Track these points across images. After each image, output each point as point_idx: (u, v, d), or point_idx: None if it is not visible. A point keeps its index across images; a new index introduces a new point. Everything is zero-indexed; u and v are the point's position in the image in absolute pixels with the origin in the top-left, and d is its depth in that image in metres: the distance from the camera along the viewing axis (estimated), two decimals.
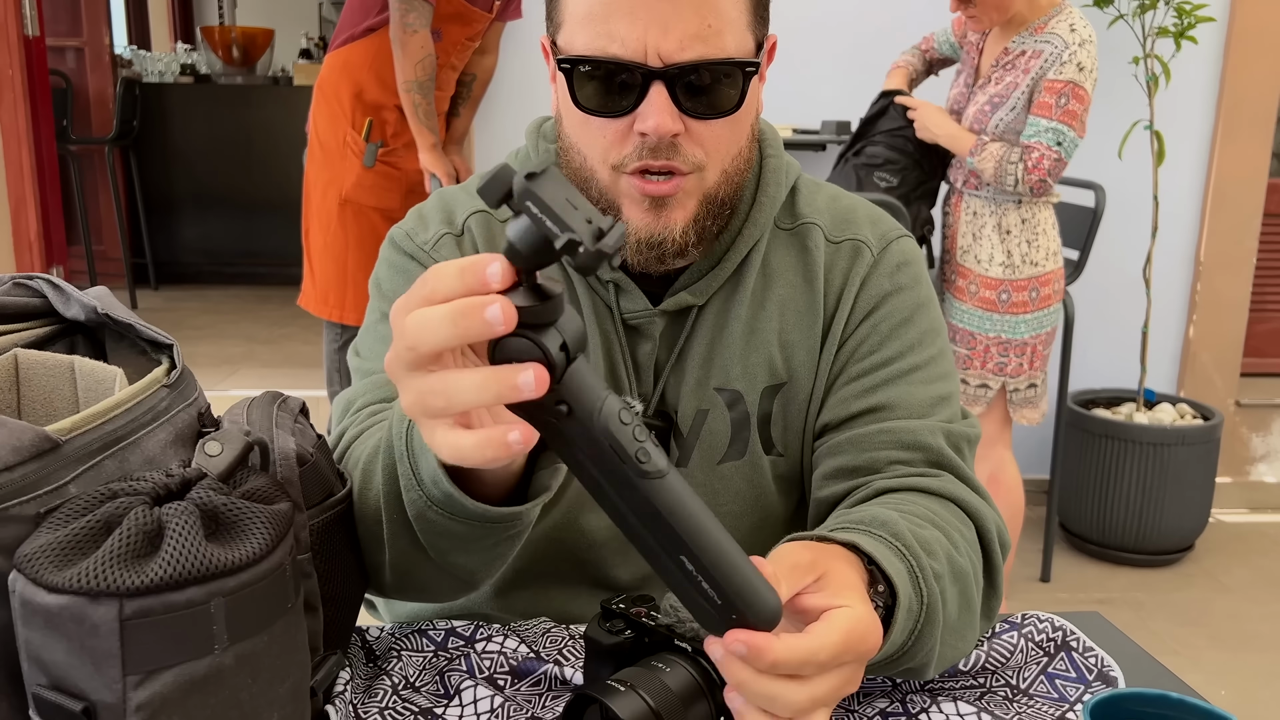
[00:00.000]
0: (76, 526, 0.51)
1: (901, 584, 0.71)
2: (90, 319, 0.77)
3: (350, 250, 2.76)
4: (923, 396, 0.92)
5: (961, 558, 0.80)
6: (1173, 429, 2.82)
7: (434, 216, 0.96)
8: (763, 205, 0.94)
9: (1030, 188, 2.21)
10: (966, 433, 0.92)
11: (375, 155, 2.71)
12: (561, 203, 0.49)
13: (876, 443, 0.89)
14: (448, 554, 0.75)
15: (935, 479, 0.87)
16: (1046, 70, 2.18)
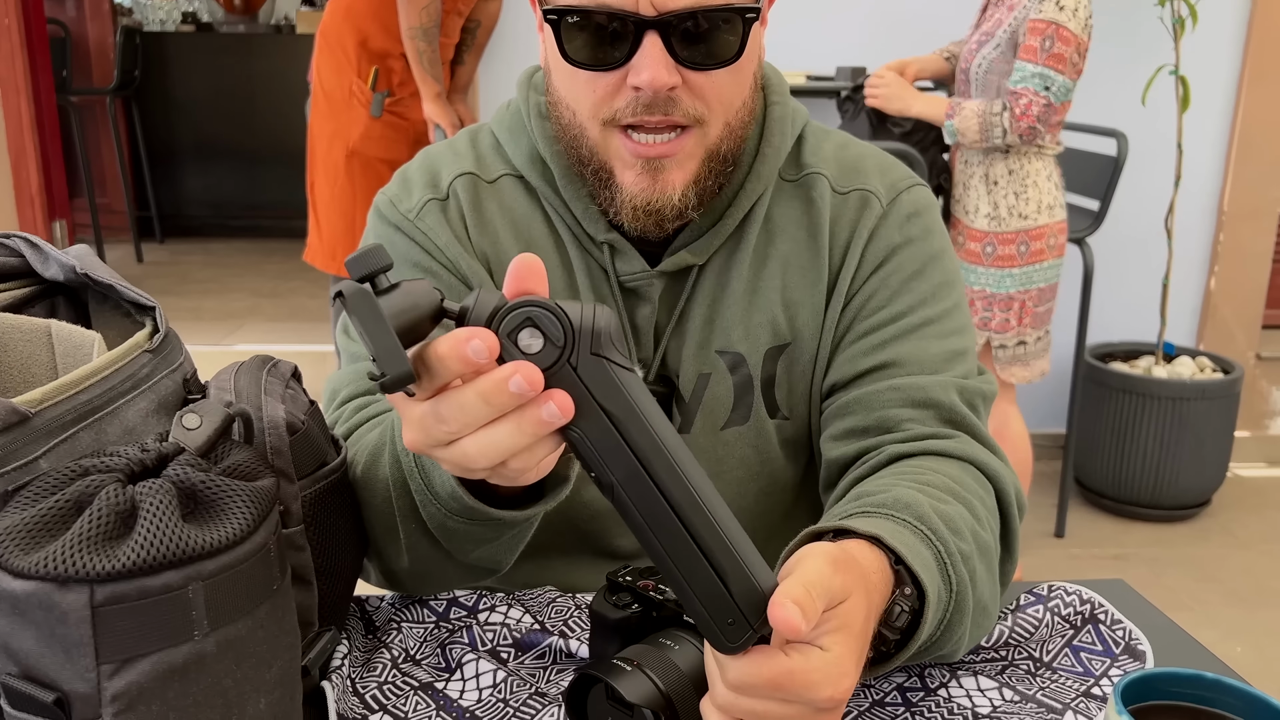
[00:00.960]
0: (44, 506, 0.48)
1: (930, 579, 0.67)
2: (70, 279, 0.73)
3: (358, 203, 2.72)
4: (935, 351, 0.87)
5: (985, 531, 0.77)
6: (1192, 383, 2.77)
7: (418, 179, 0.92)
8: (766, 157, 0.89)
9: (1020, 136, 2.12)
10: (981, 389, 0.88)
11: (382, 105, 2.65)
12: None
13: (886, 401, 0.85)
14: (471, 552, 0.74)
15: (951, 440, 0.83)
16: (1028, 8, 2.11)
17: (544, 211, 0.91)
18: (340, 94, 2.66)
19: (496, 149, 0.93)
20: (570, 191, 0.88)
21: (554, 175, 0.89)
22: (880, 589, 0.64)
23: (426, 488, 0.69)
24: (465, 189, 0.91)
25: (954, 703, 0.73)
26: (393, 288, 0.50)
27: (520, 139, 0.91)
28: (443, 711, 0.71)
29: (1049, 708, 0.72)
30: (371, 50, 2.63)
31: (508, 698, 0.72)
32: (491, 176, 0.92)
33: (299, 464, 0.67)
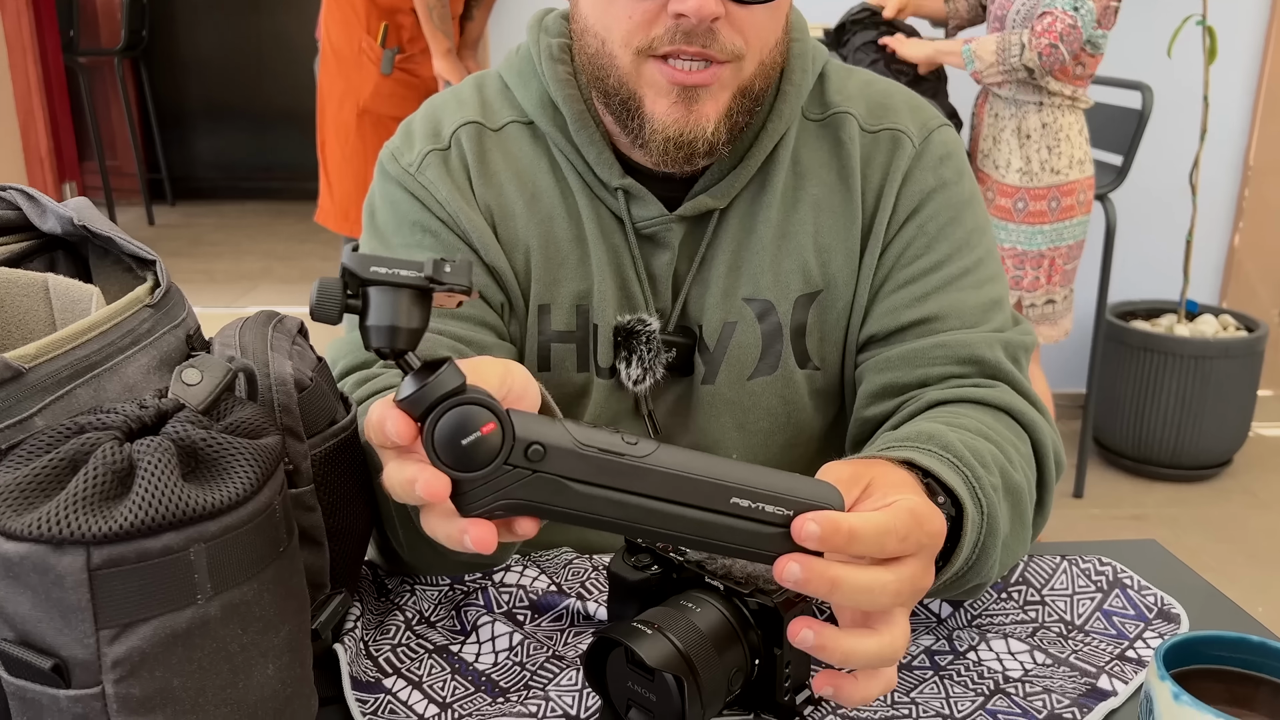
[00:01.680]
0: (38, 465, 0.46)
1: (965, 499, 0.66)
2: (68, 232, 0.71)
3: (370, 163, 2.68)
4: (974, 302, 0.85)
5: (1017, 473, 0.74)
6: (1214, 341, 2.72)
7: (420, 130, 0.89)
8: (788, 95, 0.85)
9: (1039, 53, 2.03)
10: (1023, 340, 0.86)
11: (393, 62, 2.61)
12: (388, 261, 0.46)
13: (930, 358, 0.83)
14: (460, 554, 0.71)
15: (990, 389, 0.81)
16: None
17: (551, 160, 0.87)
18: (350, 51, 2.61)
19: (504, 94, 0.90)
20: (583, 137, 0.85)
21: (565, 120, 0.85)
22: (910, 480, 0.64)
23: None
24: (469, 138, 0.88)
25: (984, 666, 0.71)
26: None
27: (531, 83, 0.88)
28: (458, 675, 0.69)
29: (1082, 671, 0.70)
30: (380, 6, 2.58)
31: (524, 661, 0.71)
32: (497, 124, 0.89)
33: (308, 422, 0.64)
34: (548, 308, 0.87)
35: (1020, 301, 2.27)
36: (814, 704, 0.66)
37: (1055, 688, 0.68)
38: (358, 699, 0.65)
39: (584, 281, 0.87)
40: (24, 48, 3.34)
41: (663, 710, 0.59)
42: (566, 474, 0.47)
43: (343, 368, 0.85)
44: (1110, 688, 0.68)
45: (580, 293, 0.87)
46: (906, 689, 0.68)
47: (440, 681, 0.68)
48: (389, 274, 0.45)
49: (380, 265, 0.45)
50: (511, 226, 0.87)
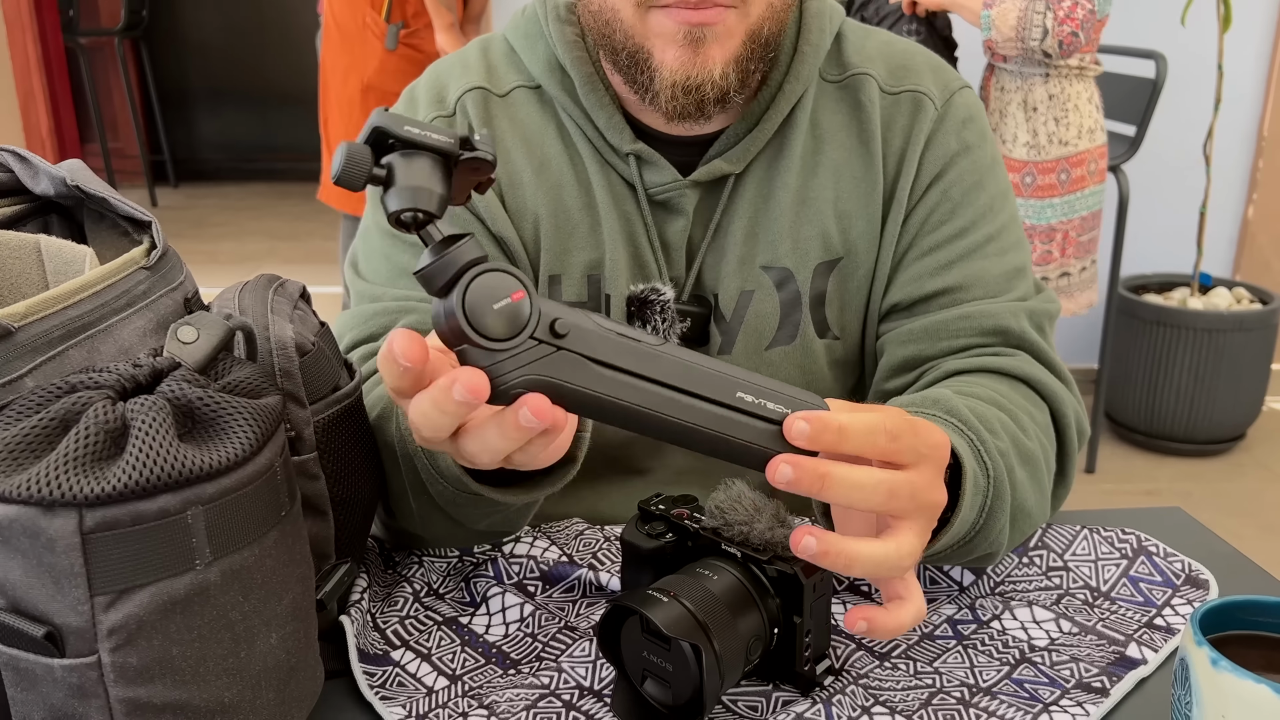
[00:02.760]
0: (27, 425, 0.44)
1: (965, 457, 0.64)
2: (61, 194, 0.68)
3: None
4: (998, 271, 0.83)
5: (1030, 441, 0.73)
6: (1228, 314, 2.69)
7: (424, 96, 0.87)
8: (805, 55, 0.83)
9: (1060, 41, 2.00)
10: (1047, 309, 0.84)
11: (397, 37, 2.58)
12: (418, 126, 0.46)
13: (954, 330, 0.81)
14: (481, 522, 0.71)
15: (1010, 358, 0.79)
16: None
17: (559, 125, 0.85)
18: (353, 26, 2.58)
19: (510, 57, 0.87)
20: (592, 100, 0.82)
21: (574, 84, 0.83)
22: None
23: (432, 467, 0.66)
24: (475, 104, 0.85)
25: (1008, 635, 0.69)
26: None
27: (537, 45, 0.85)
28: (468, 647, 0.67)
29: (1110, 639, 0.68)
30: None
31: (535, 632, 0.69)
32: (504, 89, 0.86)
33: (310, 387, 0.62)
34: (558, 278, 0.85)
35: None
36: (835, 674, 0.64)
37: (1083, 656, 0.66)
38: (365, 671, 0.63)
39: (595, 251, 0.84)
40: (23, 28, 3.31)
41: (679, 680, 0.57)
42: (588, 353, 0.47)
43: (350, 340, 0.83)
44: (1140, 656, 0.66)
45: (592, 262, 0.84)
46: (930, 658, 0.66)
47: (450, 654, 0.66)
48: (420, 135, 0.45)
49: (413, 126, 0.45)
50: (519, 195, 0.84)
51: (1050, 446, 0.76)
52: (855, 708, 0.61)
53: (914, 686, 0.63)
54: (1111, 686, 0.63)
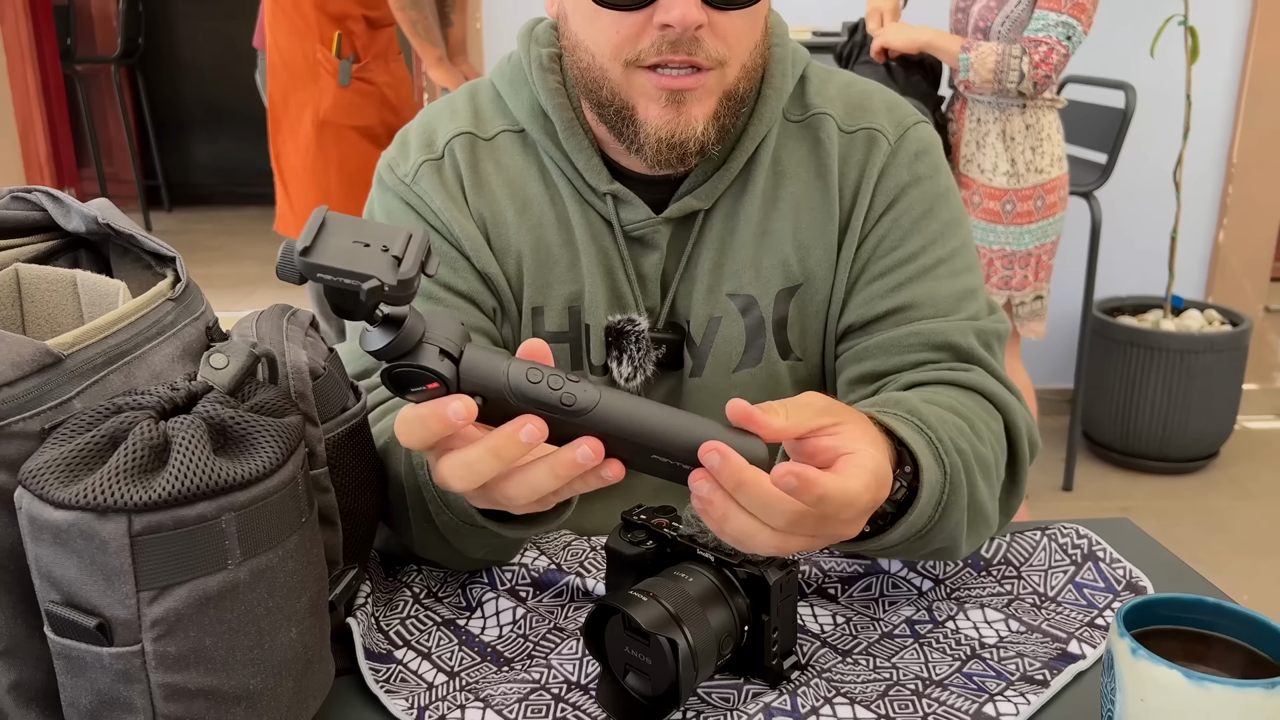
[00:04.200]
0: (81, 442, 0.50)
1: (921, 453, 0.70)
2: (92, 231, 0.74)
3: (331, 172, 2.65)
4: (948, 292, 0.89)
5: (985, 448, 0.78)
6: (1200, 335, 2.77)
7: (415, 141, 0.93)
8: (768, 99, 0.89)
9: (1035, 83, 2.10)
10: (996, 329, 0.90)
11: (350, 72, 2.58)
12: (348, 252, 0.51)
13: (904, 346, 0.87)
14: (477, 551, 0.77)
15: (965, 373, 0.85)
16: None
17: (541, 167, 0.91)
18: (303, 62, 2.56)
19: (497, 102, 0.94)
20: (572, 144, 0.89)
21: (555, 128, 0.89)
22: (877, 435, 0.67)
23: (441, 499, 0.72)
24: (462, 148, 0.91)
25: (961, 634, 0.75)
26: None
27: (521, 91, 0.92)
28: (465, 646, 0.73)
29: (1053, 637, 0.74)
30: (330, 14, 2.55)
31: (527, 633, 0.75)
32: (489, 133, 0.92)
33: (322, 408, 0.68)
34: (541, 310, 0.91)
35: (1010, 301, 2.32)
36: (800, 669, 0.70)
37: (1028, 652, 0.72)
38: (371, 668, 0.69)
39: (575, 284, 0.91)
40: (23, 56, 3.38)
41: (657, 672, 0.63)
42: (503, 419, 0.55)
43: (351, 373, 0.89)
44: (1080, 651, 0.72)
45: (572, 295, 0.91)
46: (888, 654, 0.73)
47: (448, 652, 0.72)
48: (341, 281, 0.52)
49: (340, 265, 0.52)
50: (504, 233, 0.91)
51: (1002, 455, 0.81)
52: (819, 698, 0.67)
53: (872, 680, 0.69)
54: (1052, 678, 0.69)
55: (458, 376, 0.54)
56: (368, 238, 0.52)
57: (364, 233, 0.52)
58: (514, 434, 0.54)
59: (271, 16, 2.58)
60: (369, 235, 0.52)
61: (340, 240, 0.51)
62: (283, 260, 0.50)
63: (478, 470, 0.55)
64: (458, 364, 0.54)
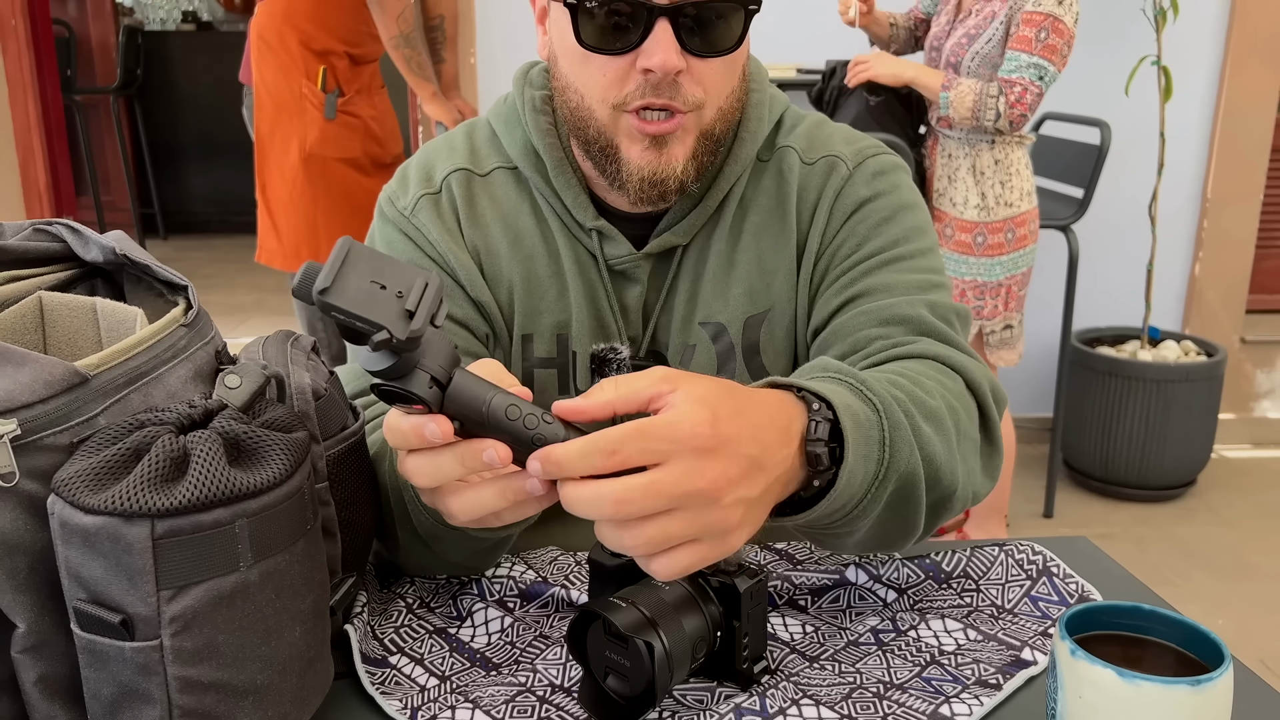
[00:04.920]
0: (108, 454, 0.55)
1: (834, 393, 0.68)
2: (109, 260, 0.80)
3: (318, 204, 2.72)
4: (907, 280, 0.90)
5: (933, 400, 0.77)
6: (1176, 365, 2.84)
7: (415, 175, 0.99)
8: (744, 141, 0.95)
9: (1011, 122, 2.19)
10: (956, 307, 0.91)
11: (335, 106, 2.66)
12: (365, 295, 0.54)
13: (855, 325, 0.89)
14: (455, 555, 0.81)
15: (913, 344, 0.85)
16: (1024, 1, 2.17)
17: (533, 203, 0.97)
18: (289, 97, 2.64)
19: (492, 140, 1.00)
20: (561, 181, 0.95)
21: (546, 167, 0.95)
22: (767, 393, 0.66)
23: (417, 499, 0.77)
24: (459, 184, 0.97)
25: (922, 642, 0.80)
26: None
27: (515, 131, 0.97)
28: (456, 653, 0.78)
29: (1008, 645, 0.79)
30: (314, 50, 2.63)
31: (515, 640, 0.79)
32: (484, 170, 0.98)
33: (323, 426, 0.73)
34: (530, 337, 0.97)
35: (981, 330, 2.38)
36: (770, 673, 0.75)
37: (984, 659, 0.77)
38: (368, 671, 0.73)
39: (563, 313, 0.96)
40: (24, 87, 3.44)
41: (635, 674, 0.68)
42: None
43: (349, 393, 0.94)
44: (1032, 658, 0.77)
45: (560, 323, 0.96)
46: (853, 660, 0.77)
47: (439, 658, 0.77)
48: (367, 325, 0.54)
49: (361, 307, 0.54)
50: (496, 264, 0.96)
51: (966, 411, 0.81)
52: (786, 700, 0.71)
53: (837, 683, 0.74)
54: (1005, 682, 0.74)
55: (442, 401, 0.58)
56: (385, 279, 0.54)
57: (383, 272, 0.54)
58: (480, 450, 0.58)
59: (258, 53, 2.65)
60: (387, 276, 0.54)
61: (359, 279, 0.53)
62: (302, 284, 0.53)
63: (441, 471, 0.59)
64: (445, 390, 0.58)
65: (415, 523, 0.79)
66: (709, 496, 0.58)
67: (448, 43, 2.86)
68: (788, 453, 0.64)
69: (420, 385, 0.57)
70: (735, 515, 0.60)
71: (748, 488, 0.60)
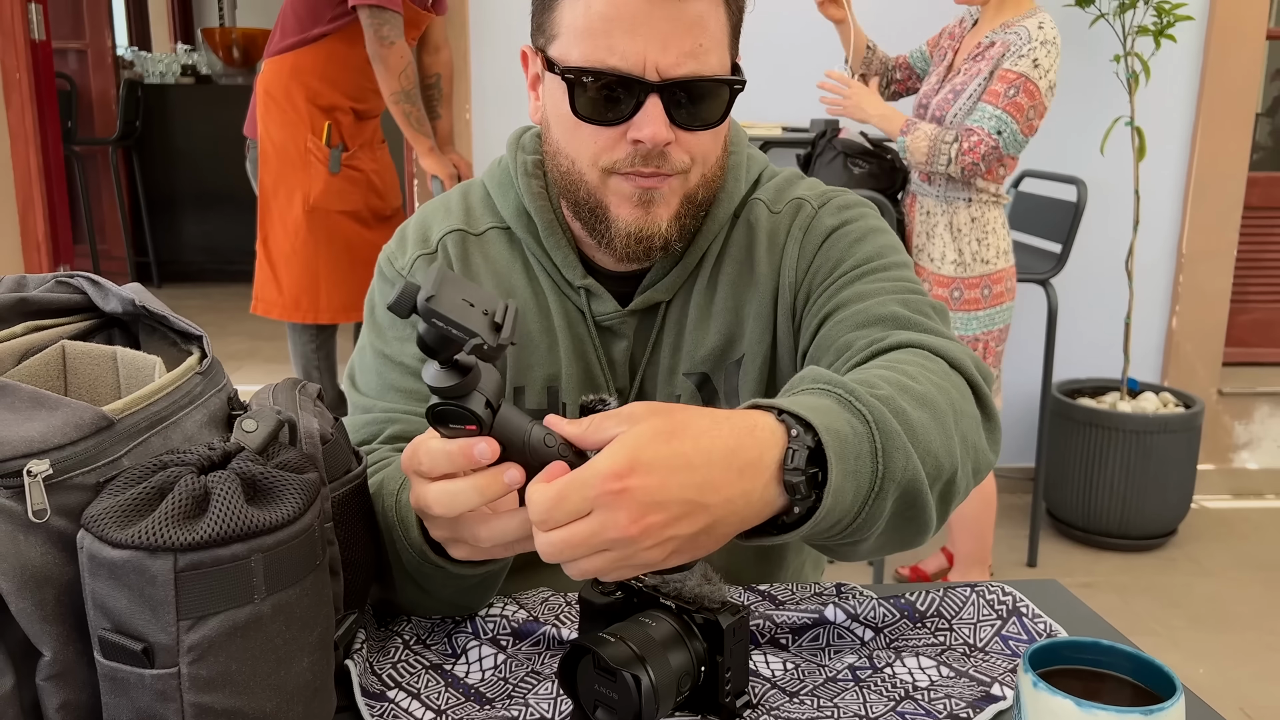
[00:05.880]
0: (134, 492, 0.59)
1: (822, 418, 0.68)
2: (127, 311, 0.84)
3: (321, 254, 2.79)
4: (881, 287, 0.93)
5: (921, 385, 0.78)
6: (1155, 416, 2.89)
7: (412, 236, 1.04)
8: (721, 201, 1.01)
9: (962, 169, 2.25)
10: (931, 302, 0.93)
11: (340, 160, 2.74)
12: (460, 308, 0.60)
13: (837, 334, 0.92)
14: (443, 593, 0.85)
15: (889, 337, 0.87)
16: (1004, 60, 2.25)
17: (525, 261, 1.03)
18: (295, 151, 2.72)
19: (486, 201, 1.05)
20: (551, 241, 1.00)
21: (538, 228, 1.01)
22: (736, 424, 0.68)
23: (404, 538, 0.81)
24: (454, 244, 1.03)
25: (898, 678, 0.83)
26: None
27: (508, 193, 1.03)
28: (451, 688, 0.81)
29: (979, 681, 0.83)
30: (320, 106, 2.71)
31: (508, 676, 0.83)
32: (479, 230, 1.04)
33: (329, 469, 0.78)
34: (522, 389, 1.02)
35: None
36: (751, 708, 0.79)
37: (956, 694, 0.81)
38: (367, 704, 0.77)
39: (553, 367, 1.01)
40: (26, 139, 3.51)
41: (623, 706, 0.72)
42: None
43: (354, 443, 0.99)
44: (1001, 694, 0.81)
45: (550, 376, 1.01)
46: (831, 695, 0.81)
47: (435, 693, 0.80)
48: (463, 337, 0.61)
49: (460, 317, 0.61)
50: None
51: (957, 390, 0.81)
52: None
53: (816, 717, 0.78)
54: (975, 716, 0.78)
55: (492, 423, 0.64)
56: (473, 299, 0.61)
57: (470, 294, 0.61)
58: (498, 475, 0.64)
59: (264, 108, 2.73)
60: (474, 297, 0.61)
61: (454, 295, 0.60)
62: (403, 298, 0.59)
63: (459, 500, 0.65)
64: (495, 414, 0.64)
65: (404, 560, 0.82)
66: (629, 540, 0.63)
67: (444, 100, 2.94)
68: (751, 486, 0.66)
69: (478, 405, 0.63)
70: (663, 551, 0.64)
71: (681, 526, 0.64)
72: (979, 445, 0.82)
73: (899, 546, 0.80)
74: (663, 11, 0.86)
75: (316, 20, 2.66)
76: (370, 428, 0.99)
